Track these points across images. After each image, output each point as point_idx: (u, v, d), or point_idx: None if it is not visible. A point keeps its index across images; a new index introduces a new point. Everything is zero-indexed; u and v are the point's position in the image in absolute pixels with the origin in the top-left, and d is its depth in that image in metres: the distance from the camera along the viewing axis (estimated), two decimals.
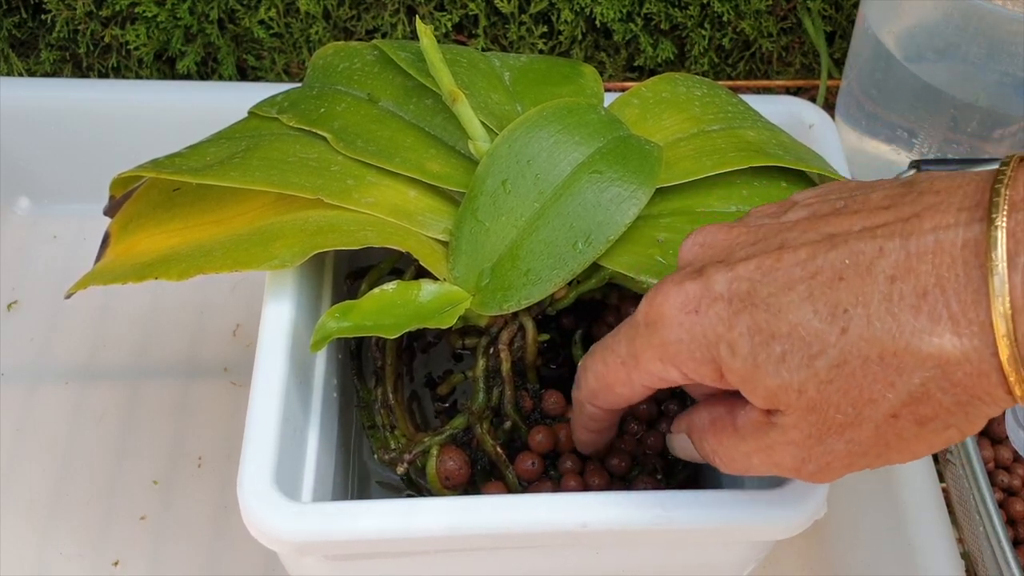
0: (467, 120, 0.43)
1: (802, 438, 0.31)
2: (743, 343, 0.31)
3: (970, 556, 0.52)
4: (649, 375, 0.34)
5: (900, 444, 0.31)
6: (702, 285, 0.32)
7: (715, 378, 0.33)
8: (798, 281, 0.31)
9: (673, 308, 0.33)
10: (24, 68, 0.79)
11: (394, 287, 0.40)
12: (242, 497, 0.36)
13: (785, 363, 0.31)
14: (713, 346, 0.32)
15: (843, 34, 0.78)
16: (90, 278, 0.43)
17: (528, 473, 0.42)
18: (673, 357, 0.33)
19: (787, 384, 0.31)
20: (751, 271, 0.32)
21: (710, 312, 0.32)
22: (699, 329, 0.32)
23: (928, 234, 0.29)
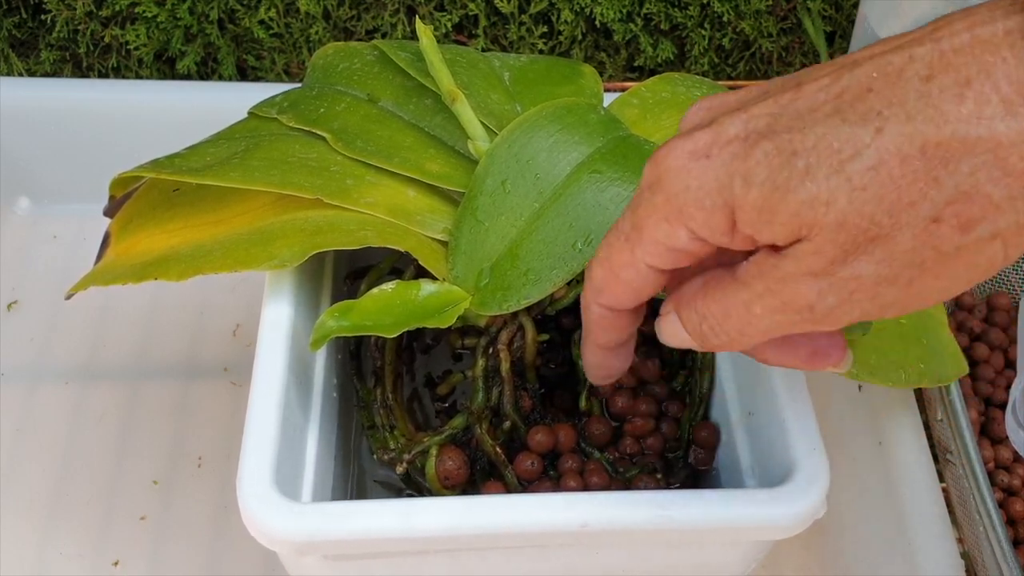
0: (467, 120, 0.43)
1: (824, 263, 0.28)
2: (760, 170, 0.28)
3: (970, 556, 0.52)
4: (654, 245, 0.31)
5: (937, 264, 0.28)
6: (714, 131, 0.29)
7: (726, 228, 0.29)
8: (822, 103, 0.28)
9: (680, 158, 0.30)
10: (24, 68, 0.79)
11: (393, 287, 0.40)
12: (242, 497, 0.36)
13: (811, 175, 0.27)
14: (726, 188, 0.29)
15: (843, 34, 0.78)
16: (90, 279, 0.43)
17: (528, 473, 0.42)
18: (680, 210, 0.30)
19: (814, 197, 0.27)
20: (768, 107, 0.29)
21: (723, 153, 0.29)
22: (711, 173, 0.29)
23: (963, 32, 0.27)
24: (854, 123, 0.28)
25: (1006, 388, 0.60)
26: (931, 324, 0.47)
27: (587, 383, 0.45)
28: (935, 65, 0.27)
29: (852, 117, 0.28)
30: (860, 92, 0.28)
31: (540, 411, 0.44)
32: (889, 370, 0.43)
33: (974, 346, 0.61)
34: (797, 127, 0.28)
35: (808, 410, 0.39)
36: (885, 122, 0.27)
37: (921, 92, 0.27)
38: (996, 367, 0.61)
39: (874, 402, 0.57)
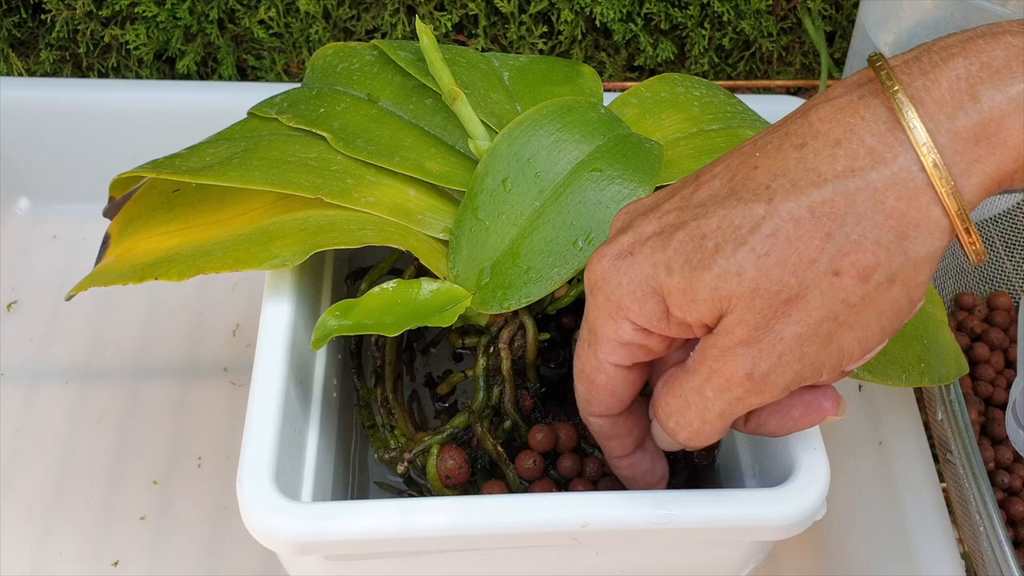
0: (467, 119, 0.43)
1: (749, 331, 0.30)
2: (677, 256, 0.31)
3: (970, 556, 0.52)
4: (608, 343, 0.34)
5: (848, 315, 0.30)
6: (634, 232, 0.33)
7: (661, 314, 0.32)
8: (719, 189, 0.32)
9: (609, 260, 0.33)
10: (24, 68, 0.79)
11: (394, 286, 0.40)
12: (242, 497, 0.36)
13: (720, 252, 0.30)
14: (652, 278, 0.32)
15: (843, 34, 0.78)
16: (90, 279, 0.43)
17: (529, 472, 0.42)
18: (617, 306, 0.33)
19: (725, 270, 0.30)
20: (676, 203, 0.32)
21: (645, 248, 0.32)
22: (636, 268, 0.32)
23: (824, 105, 0.31)
24: (748, 200, 0.31)
25: (1006, 388, 0.60)
26: (931, 324, 0.47)
27: None
28: (806, 134, 0.31)
29: (746, 195, 0.31)
30: (748, 172, 0.31)
31: (541, 410, 0.44)
32: (889, 370, 0.43)
33: (974, 346, 0.61)
34: (702, 214, 0.31)
35: None
36: (773, 193, 0.30)
37: (798, 159, 0.30)
38: (996, 367, 0.61)
39: (874, 402, 0.57)
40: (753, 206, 0.30)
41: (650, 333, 0.33)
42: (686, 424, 0.33)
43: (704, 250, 0.31)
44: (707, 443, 0.34)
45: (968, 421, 0.51)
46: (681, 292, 0.31)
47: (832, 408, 0.34)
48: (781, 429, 0.35)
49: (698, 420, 0.33)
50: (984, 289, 0.65)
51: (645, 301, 0.32)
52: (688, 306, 0.31)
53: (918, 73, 0.30)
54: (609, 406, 0.36)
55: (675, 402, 0.33)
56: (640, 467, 0.39)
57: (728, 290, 0.30)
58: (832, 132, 0.30)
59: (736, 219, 0.30)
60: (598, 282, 0.33)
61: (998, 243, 0.65)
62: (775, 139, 0.31)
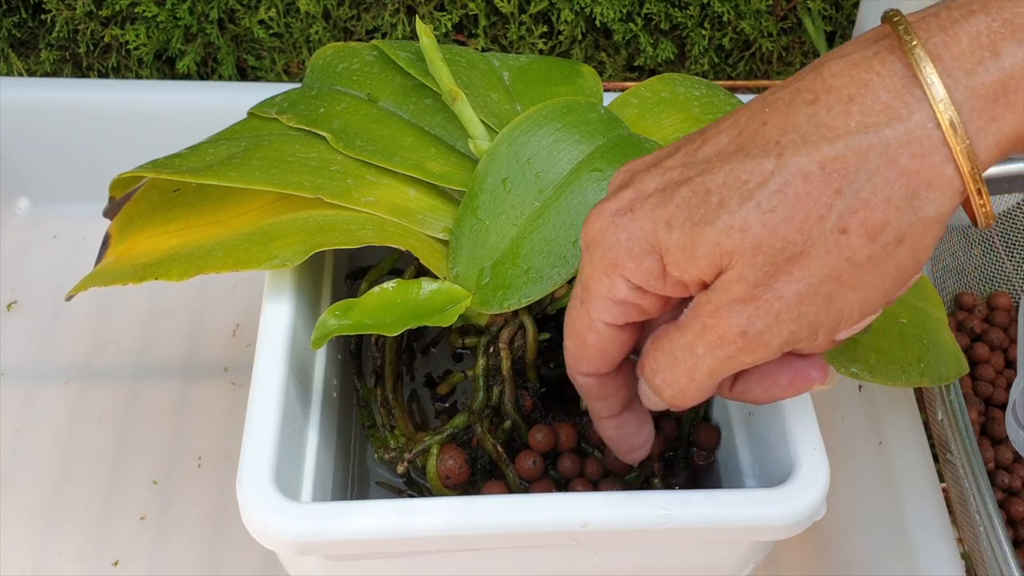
0: (467, 119, 0.43)
1: (747, 289, 0.30)
2: (679, 212, 0.30)
3: (970, 556, 0.52)
4: (601, 301, 0.33)
5: (852, 275, 0.29)
6: (635, 189, 0.32)
7: (658, 272, 0.31)
8: (725, 145, 0.31)
9: (608, 216, 0.32)
10: (24, 68, 0.79)
11: (394, 286, 0.40)
12: (242, 497, 0.36)
13: (724, 207, 0.30)
14: (651, 234, 0.31)
15: (843, 34, 0.78)
16: (90, 279, 0.43)
17: (529, 472, 0.42)
18: (614, 262, 0.32)
19: (729, 226, 0.29)
20: (679, 159, 0.32)
21: (646, 205, 0.31)
22: (636, 224, 0.31)
23: (838, 60, 0.30)
24: (756, 155, 0.30)
25: (1006, 388, 0.60)
26: (931, 324, 0.47)
27: None
28: (819, 90, 0.30)
29: (754, 150, 0.30)
30: (757, 128, 0.30)
31: (541, 410, 0.44)
32: (889, 370, 0.43)
33: (974, 346, 0.61)
34: (707, 169, 0.31)
35: (808, 410, 0.39)
36: (783, 148, 0.29)
37: (810, 115, 0.30)
38: (996, 367, 0.61)
39: (874, 402, 0.57)
40: (762, 161, 0.30)
41: (645, 292, 0.32)
42: (672, 381, 0.33)
43: (708, 205, 0.30)
44: (692, 403, 0.33)
45: (968, 421, 0.51)
46: (680, 248, 0.30)
47: (820, 377, 0.33)
48: (767, 396, 0.34)
49: (685, 378, 0.32)
50: (984, 289, 0.65)
51: (642, 258, 0.31)
52: (687, 262, 0.30)
53: (937, 29, 0.29)
54: (598, 365, 0.36)
55: (663, 358, 0.32)
56: (625, 428, 0.38)
57: (730, 246, 0.30)
58: (846, 88, 0.29)
59: (743, 174, 0.30)
60: (595, 238, 0.32)
61: (998, 243, 0.65)
62: (786, 95, 0.31)
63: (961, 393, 0.51)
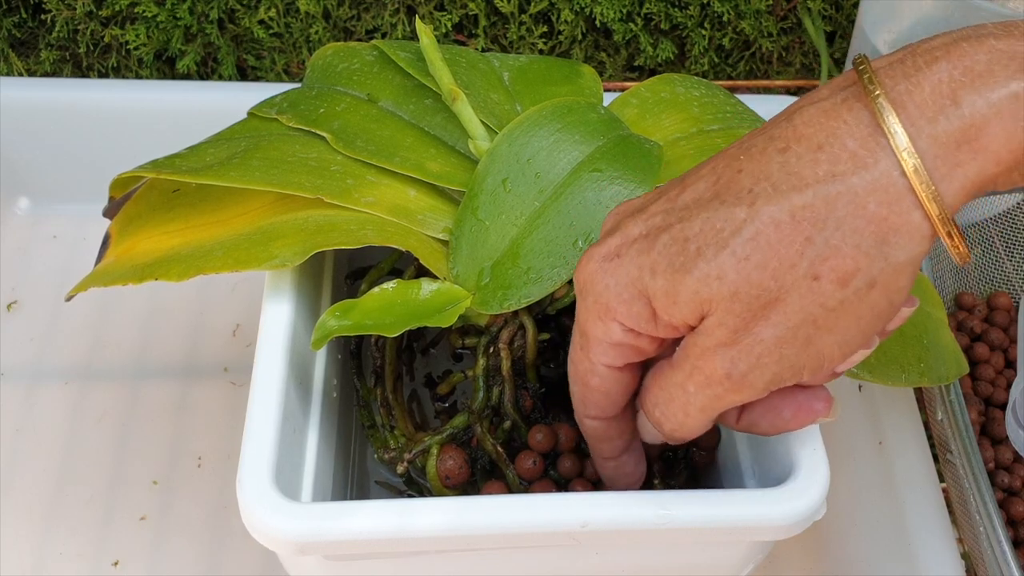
0: (467, 119, 0.43)
1: (728, 334, 0.31)
2: (661, 259, 0.31)
3: (970, 556, 0.52)
4: (599, 344, 0.34)
5: (827, 319, 0.30)
6: (621, 234, 0.33)
7: (648, 316, 0.32)
8: (703, 192, 0.32)
9: (596, 263, 0.33)
10: (24, 68, 0.79)
11: (394, 286, 0.40)
12: (242, 497, 0.36)
13: (702, 255, 0.31)
14: (638, 280, 0.32)
15: (843, 34, 0.78)
16: (90, 280, 0.43)
17: (529, 472, 0.42)
18: (606, 307, 0.33)
19: (706, 274, 0.30)
20: (662, 206, 0.33)
21: (631, 251, 0.32)
22: (623, 270, 0.32)
23: (809, 107, 0.31)
24: (731, 203, 0.31)
25: (1006, 388, 0.60)
26: (931, 324, 0.47)
27: None
28: (790, 138, 0.31)
29: (728, 198, 0.31)
30: (732, 175, 0.31)
31: (541, 410, 0.44)
32: (889, 370, 0.43)
33: (974, 346, 0.61)
34: (686, 216, 0.32)
35: None
36: (756, 197, 0.30)
37: (781, 163, 0.30)
38: (996, 367, 0.61)
39: (874, 402, 0.57)
40: (735, 209, 0.30)
41: (639, 334, 0.33)
42: (670, 416, 0.34)
43: (687, 253, 0.31)
44: (690, 436, 0.35)
45: (968, 421, 0.51)
46: (664, 294, 0.31)
47: (824, 409, 0.34)
48: (772, 429, 0.35)
49: (681, 413, 0.33)
50: (984, 289, 0.65)
51: (632, 303, 0.32)
52: (671, 308, 0.32)
53: (901, 77, 0.30)
54: (603, 408, 0.37)
55: (661, 394, 0.34)
56: (625, 469, 0.40)
57: (708, 293, 0.31)
58: (815, 136, 0.30)
59: (718, 222, 0.31)
60: (586, 284, 0.34)
61: (998, 243, 0.65)
62: (760, 142, 0.31)
63: (961, 393, 0.51)
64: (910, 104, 0.29)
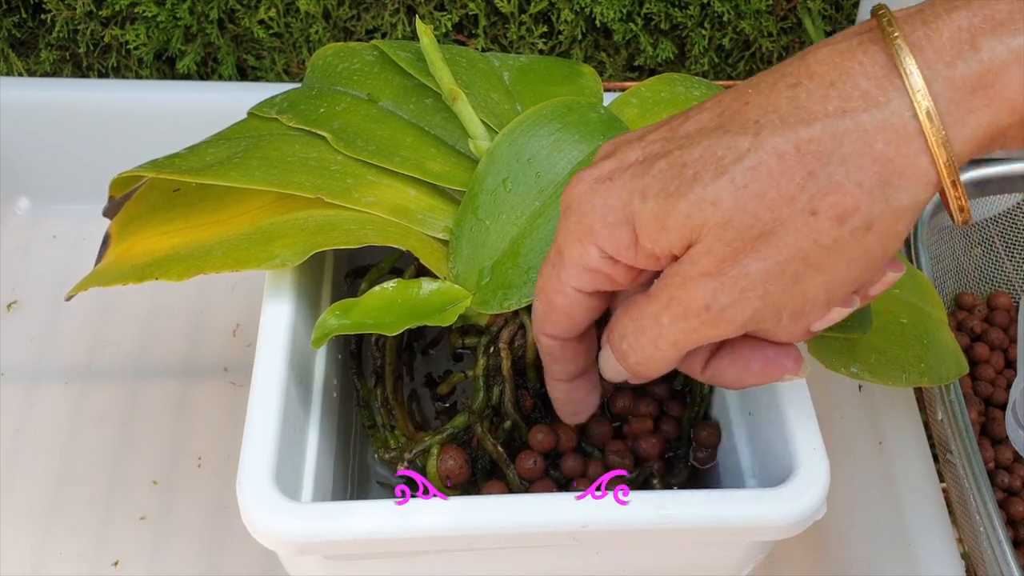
0: (467, 119, 0.43)
1: (715, 263, 0.30)
2: (655, 183, 0.31)
3: (970, 556, 0.52)
4: (573, 266, 0.33)
5: (819, 257, 0.30)
6: (617, 159, 0.32)
7: (630, 242, 0.32)
8: (707, 122, 0.31)
9: (587, 183, 0.33)
10: (24, 68, 0.79)
11: (394, 285, 0.40)
12: (242, 497, 0.36)
13: (698, 180, 0.30)
14: (627, 204, 0.31)
15: None
16: (90, 279, 0.43)
17: (530, 472, 0.42)
18: (588, 229, 0.32)
19: (701, 199, 0.30)
20: (662, 133, 0.32)
21: (624, 175, 0.32)
22: (613, 193, 0.32)
23: (823, 48, 0.30)
24: (735, 133, 0.30)
25: (1006, 388, 0.60)
26: (931, 324, 0.47)
27: None
28: (802, 75, 0.30)
29: (733, 128, 0.30)
30: (739, 107, 0.31)
31: (541, 410, 0.44)
32: (889, 370, 0.43)
33: (974, 346, 0.61)
34: (687, 144, 0.31)
35: (808, 410, 0.39)
36: (761, 128, 0.30)
37: (791, 98, 0.30)
38: (996, 367, 0.61)
39: (874, 402, 0.57)
40: (739, 138, 0.30)
41: (616, 262, 0.33)
42: (639, 348, 0.33)
43: (682, 177, 0.30)
44: (654, 373, 0.34)
45: (968, 421, 0.51)
46: (653, 218, 0.31)
47: (793, 367, 0.34)
48: (738, 381, 0.34)
49: (651, 346, 0.33)
50: (984, 289, 0.65)
51: (616, 228, 0.32)
52: (657, 233, 0.31)
53: (920, 23, 0.29)
54: (563, 328, 0.36)
55: (632, 324, 0.33)
56: (576, 394, 0.39)
57: (701, 219, 0.30)
58: (828, 74, 0.30)
59: (720, 149, 0.30)
60: (572, 204, 0.33)
61: (998, 243, 0.65)
62: (770, 78, 0.31)
63: (961, 393, 0.51)
64: (928, 48, 0.29)
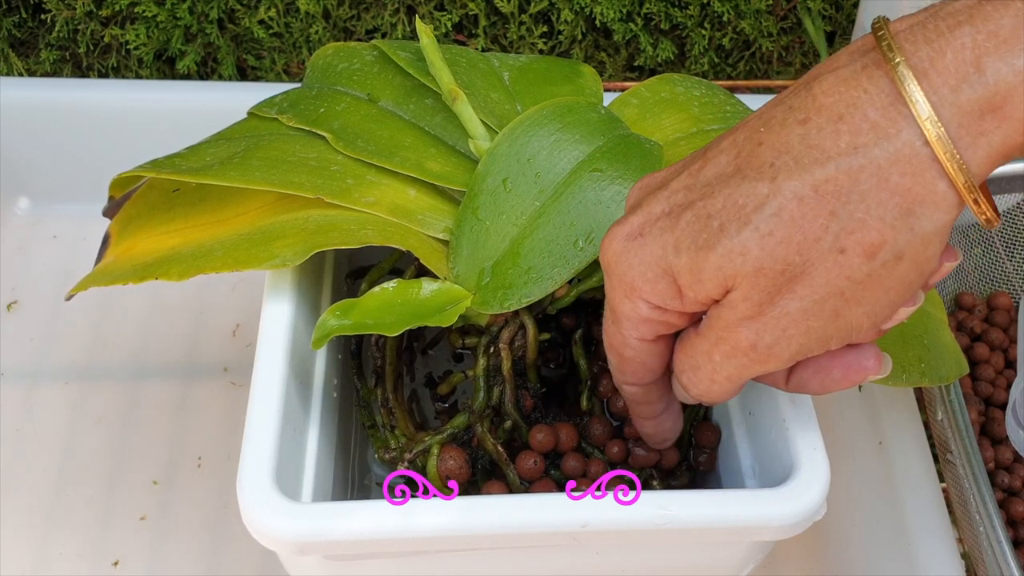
0: (467, 119, 0.43)
1: (753, 308, 0.31)
2: (685, 237, 0.31)
3: (970, 556, 0.52)
4: (628, 321, 0.34)
5: (855, 292, 0.30)
6: (644, 212, 0.33)
7: (674, 293, 0.32)
8: (724, 167, 0.32)
9: (620, 241, 0.33)
10: (24, 68, 0.79)
11: (394, 286, 0.40)
12: (242, 497, 0.36)
13: (724, 232, 0.30)
14: (662, 259, 0.32)
15: (843, 34, 0.78)
16: (90, 279, 0.43)
17: (530, 472, 0.42)
18: (631, 286, 0.33)
19: (730, 250, 0.30)
20: (684, 181, 0.32)
21: (654, 230, 0.32)
22: (647, 250, 0.32)
23: (827, 76, 0.30)
24: (753, 178, 0.30)
25: (1006, 388, 0.60)
26: (931, 324, 0.47)
27: (588, 382, 0.45)
28: (810, 109, 0.30)
29: (750, 173, 0.30)
30: (753, 149, 0.31)
31: (541, 410, 0.44)
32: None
33: (974, 346, 0.61)
34: (708, 193, 0.31)
35: (808, 410, 0.39)
36: (777, 172, 0.30)
37: (802, 136, 0.30)
38: (996, 367, 0.61)
39: (874, 402, 0.57)
40: (757, 184, 0.30)
41: (665, 310, 0.33)
42: (697, 382, 0.34)
43: (709, 230, 0.31)
44: (720, 400, 0.35)
45: (968, 421, 0.51)
46: (688, 271, 0.31)
47: (874, 367, 0.34)
48: (823, 388, 0.35)
49: (707, 380, 0.34)
50: (984, 289, 0.65)
51: (656, 281, 0.32)
52: (695, 285, 0.32)
53: (923, 42, 0.29)
54: (640, 376, 0.37)
55: (687, 361, 0.34)
56: (663, 426, 0.40)
57: (732, 269, 0.30)
58: (835, 106, 0.30)
59: (740, 198, 0.30)
60: (611, 263, 0.34)
61: (998, 243, 0.65)
62: (779, 113, 0.31)
63: (961, 393, 0.51)
64: (932, 72, 0.28)
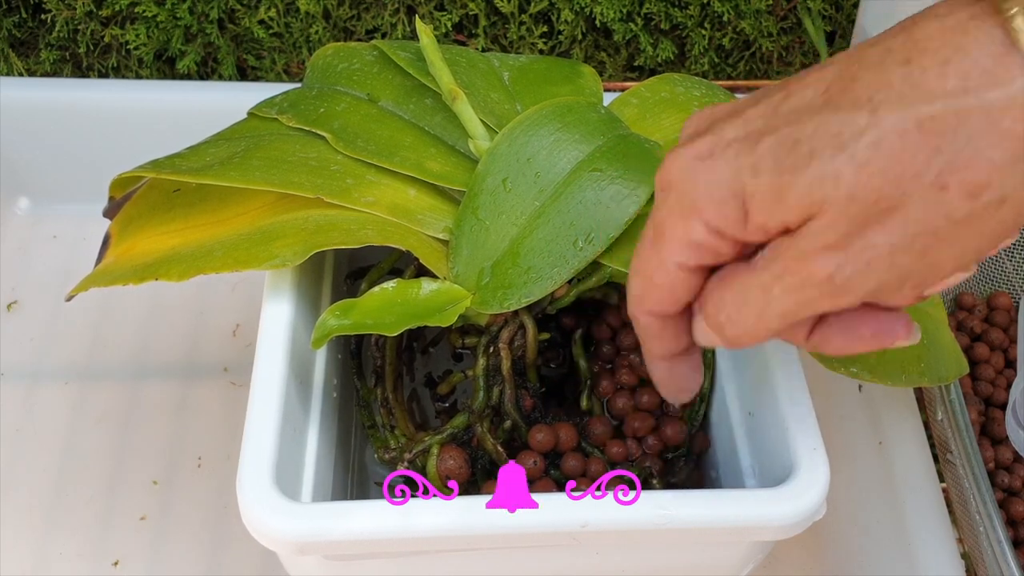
0: (467, 119, 0.43)
1: (838, 237, 0.29)
2: (767, 158, 0.30)
3: (970, 556, 0.52)
4: (677, 243, 0.33)
5: (950, 231, 0.29)
6: (714, 135, 0.32)
7: (738, 217, 0.31)
8: (811, 99, 0.30)
9: (686, 160, 0.32)
10: (24, 68, 0.79)
11: (394, 285, 0.40)
12: (242, 497, 0.36)
13: (816, 157, 0.29)
14: (735, 178, 0.31)
15: (843, 34, 0.78)
16: (90, 280, 0.43)
17: (529, 472, 0.42)
18: (692, 205, 0.32)
19: (822, 174, 0.29)
20: (762, 110, 0.31)
21: (727, 152, 0.31)
22: (718, 167, 0.31)
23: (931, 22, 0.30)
24: (847, 110, 0.29)
25: (1006, 388, 0.60)
26: (931, 324, 0.47)
27: (588, 382, 0.45)
28: (911, 51, 0.29)
29: (844, 105, 0.30)
30: (846, 84, 0.30)
31: (541, 410, 0.44)
32: (889, 370, 0.43)
33: (974, 346, 0.61)
34: (795, 120, 0.30)
35: (808, 410, 0.39)
36: (878, 105, 0.29)
37: (904, 75, 0.29)
38: (996, 367, 0.61)
39: (874, 402, 0.57)
40: (854, 115, 0.29)
41: (722, 236, 0.32)
42: (740, 320, 0.32)
43: (797, 154, 0.30)
44: (752, 343, 0.33)
45: (968, 421, 0.51)
46: (769, 193, 0.30)
47: (904, 334, 0.33)
48: (845, 348, 0.33)
49: (754, 317, 0.32)
50: (984, 289, 0.65)
51: (724, 203, 0.31)
52: (774, 207, 0.30)
53: None
54: (664, 305, 0.35)
55: (732, 297, 0.32)
56: (677, 372, 0.37)
57: (822, 194, 0.29)
58: (941, 51, 0.29)
59: (834, 127, 0.29)
60: (672, 181, 0.32)
61: None
62: (874, 53, 0.30)
63: (961, 393, 0.51)
64: None
